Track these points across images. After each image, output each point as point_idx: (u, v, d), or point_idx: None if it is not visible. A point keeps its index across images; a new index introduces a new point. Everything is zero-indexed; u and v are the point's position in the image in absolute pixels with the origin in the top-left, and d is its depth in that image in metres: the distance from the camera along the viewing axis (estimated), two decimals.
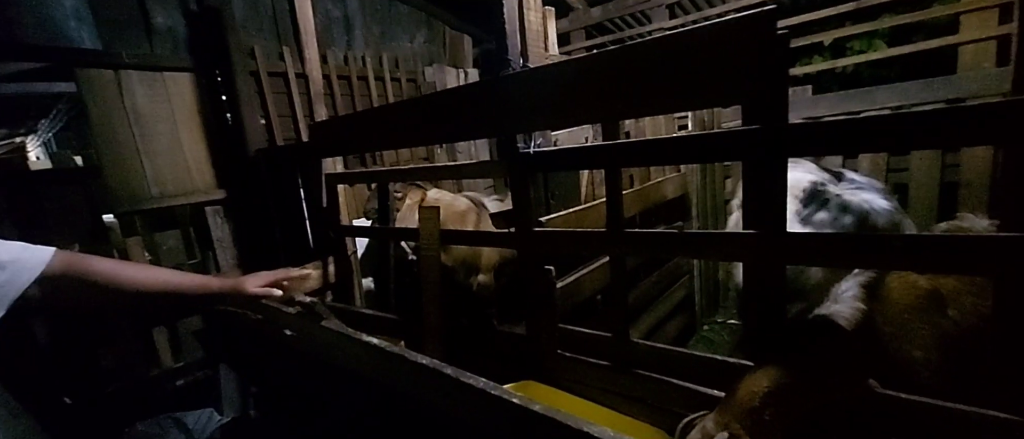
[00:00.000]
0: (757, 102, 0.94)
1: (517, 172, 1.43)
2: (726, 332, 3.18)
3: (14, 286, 0.81)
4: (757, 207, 1.01)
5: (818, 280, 1.44)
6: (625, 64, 1.10)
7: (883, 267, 1.05)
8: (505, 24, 1.39)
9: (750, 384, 0.95)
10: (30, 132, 7.06)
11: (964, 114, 0.79)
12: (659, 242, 1.27)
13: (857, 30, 3.56)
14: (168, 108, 2.69)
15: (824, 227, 1.50)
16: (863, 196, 1.52)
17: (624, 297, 1.36)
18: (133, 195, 2.59)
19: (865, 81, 4.20)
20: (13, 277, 0.81)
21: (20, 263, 0.82)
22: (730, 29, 0.92)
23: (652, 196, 2.64)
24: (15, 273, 0.81)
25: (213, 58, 2.80)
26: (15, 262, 0.82)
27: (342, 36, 3.89)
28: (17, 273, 0.81)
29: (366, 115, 2.27)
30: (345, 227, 2.30)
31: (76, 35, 2.40)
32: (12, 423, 2.21)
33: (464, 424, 0.80)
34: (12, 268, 0.81)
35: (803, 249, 0.97)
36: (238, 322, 1.68)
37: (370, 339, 0.94)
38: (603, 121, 1.33)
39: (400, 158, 4.01)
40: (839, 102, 2.95)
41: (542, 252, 1.46)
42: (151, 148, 2.63)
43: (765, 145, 0.93)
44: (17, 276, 0.81)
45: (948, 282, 1.04)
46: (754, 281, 1.06)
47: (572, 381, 1.47)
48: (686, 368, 1.26)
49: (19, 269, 0.82)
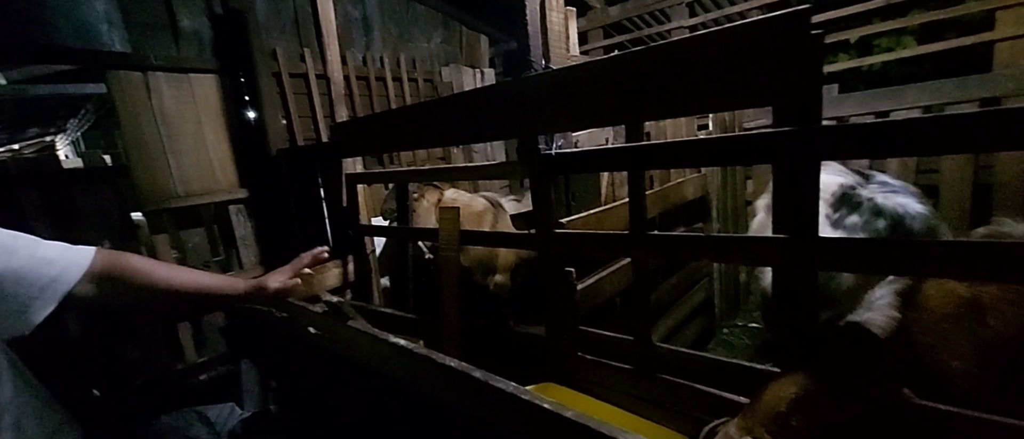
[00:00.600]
0: (790, 103, 0.91)
1: (538, 173, 1.42)
2: (746, 335, 3.13)
3: (64, 282, 0.83)
4: (788, 211, 0.98)
5: (850, 286, 1.40)
6: (652, 65, 1.08)
7: (921, 274, 1.02)
8: (528, 25, 1.38)
9: (778, 389, 0.92)
10: (59, 131, 7.31)
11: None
12: (684, 245, 1.25)
13: (885, 27, 3.46)
14: (193, 109, 2.75)
15: (856, 231, 1.45)
16: (898, 200, 1.47)
17: (647, 300, 1.34)
18: (160, 194, 2.65)
19: (893, 79, 4.09)
20: (62, 273, 0.83)
21: (68, 260, 0.85)
22: (763, 28, 0.90)
23: (672, 197, 2.61)
24: (64, 269, 0.83)
25: (237, 60, 2.85)
26: (63, 259, 0.84)
27: (361, 37, 3.93)
28: (66, 270, 0.84)
29: (387, 116, 2.29)
30: (364, 226, 2.32)
31: (107, 38, 2.47)
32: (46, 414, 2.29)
33: (490, 427, 0.79)
34: (61, 264, 0.83)
35: (837, 254, 0.94)
36: (259, 318, 1.71)
37: (397, 340, 0.94)
38: (628, 122, 1.31)
39: (416, 158, 4.03)
40: (866, 101, 2.87)
41: (563, 254, 1.45)
42: (177, 148, 2.69)
43: (798, 147, 0.90)
44: (66, 273, 0.83)
45: (989, 290, 1.00)
46: (784, 286, 1.03)
47: (592, 384, 1.46)
48: (710, 373, 1.24)
49: (67, 265, 0.84)
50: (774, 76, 0.91)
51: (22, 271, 0.79)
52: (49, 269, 0.82)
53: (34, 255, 0.82)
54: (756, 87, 0.95)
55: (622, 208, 1.97)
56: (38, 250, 0.83)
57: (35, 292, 0.80)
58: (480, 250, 2.30)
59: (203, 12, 2.88)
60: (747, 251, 1.09)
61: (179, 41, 2.80)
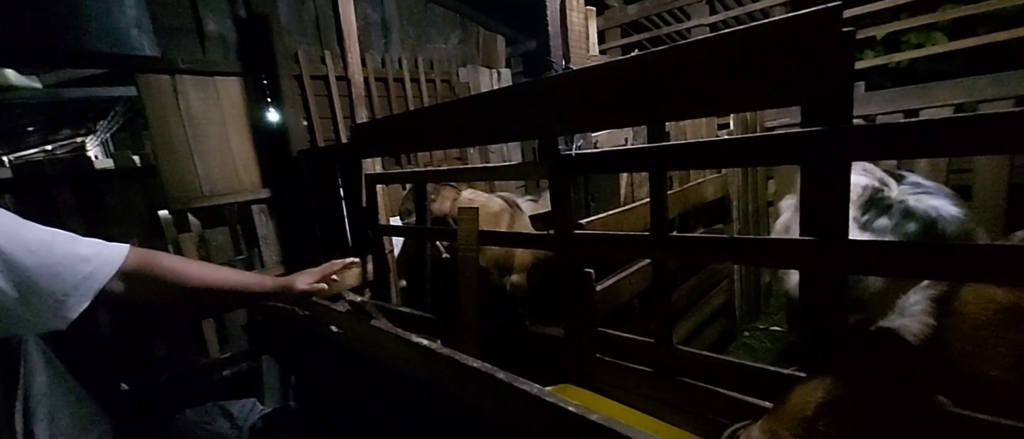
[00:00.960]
0: (820, 102, 0.89)
1: (557, 174, 1.41)
2: (768, 339, 3.07)
3: (98, 278, 0.85)
4: (817, 212, 0.96)
5: (878, 290, 1.35)
6: (675, 64, 1.07)
7: (959, 279, 0.98)
8: (548, 25, 1.38)
9: (805, 392, 0.90)
10: (90, 133, 7.55)
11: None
12: (706, 247, 1.23)
13: (914, 23, 3.36)
14: (218, 110, 2.81)
15: (885, 235, 1.41)
16: (931, 202, 1.41)
17: (668, 302, 1.33)
18: (186, 194, 2.72)
19: (921, 76, 3.96)
20: (97, 270, 0.85)
21: (102, 257, 0.87)
22: (794, 25, 0.88)
23: (692, 198, 2.58)
24: (98, 266, 0.86)
25: (260, 62, 2.91)
26: (98, 256, 0.87)
27: (380, 39, 3.98)
28: (100, 266, 0.86)
29: (405, 117, 2.31)
30: (383, 226, 2.35)
31: (137, 43, 2.54)
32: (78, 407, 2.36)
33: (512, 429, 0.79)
34: (96, 261, 0.86)
35: (868, 257, 0.91)
36: (281, 316, 1.74)
37: (420, 340, 0.95)
38: (649, 123, 1.30)
39: (433, 159, 4.06)
40: (894, 99, 2.79)
41: (582, 255, 1.44)
42: (202, 149, 2.76)
43: (829, 148, 0.88)
44: (100, 269, 0.86)
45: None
46: (812, 290, 1.01)
47: (611, 386, 1.45)
48: (731, 377, 1.22)
49: (102, 263, 0.86)
50: (804, 74, 0.89)
51: (58, 267, 0.81)
52: (84, 266, 0.84)
53: (71, 252, 0.84)
54: (785, 86, 0.93)
55: (642, 209, 1.95)
56: (75, 247, 0.85)
57: (70, 288, 0.82)
58: (496, 250, 2.30)
59: (228, 16, 2.95)
60: (772, 253, 1.06)
61: (205, 45, 2.87)
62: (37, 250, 0.79)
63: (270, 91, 2.95)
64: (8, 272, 0.75)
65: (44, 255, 0.80)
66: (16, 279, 0.76)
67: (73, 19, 2.36)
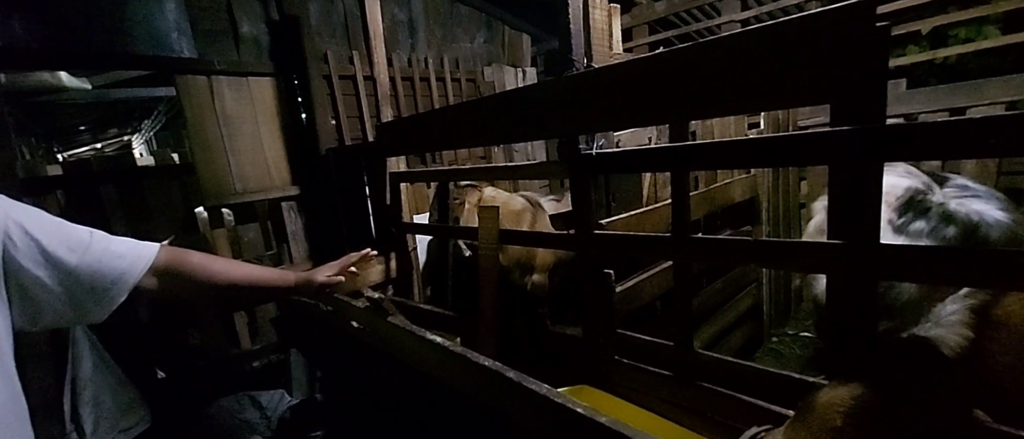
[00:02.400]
0: (851, 100, 0.86)
1: (578, 173, 1.40)
2: (797, 345, 2.96)
3: (133, 274, 0.90)
4: (846, 215, 0.92)
5: (911, 297, 1.28)
6: (699, 62, 1.04)
7: (1001, 287, 0.92)
8: (570, 23, 1.37)
9: (830, 398, 0.86)
10: (135, 131, 7.96)
11: None
12: (729, 249, 1.20)
13: (964, 16, 3.16)
14: (251, 110, 2.91)
15: (921, 239, 1.33)
16: (974, 206, 1.33)
17: (689, 304, 1.30)
18: (220, 190, 2.83)
19: (971, 73, 3.74)
20: (131, 266, 0.90)
21: (135, 254, 0.92)
22: (823, 20, 0.85)
23: (718, 199, 2.51)
24: (133, 262, 0.90)
25: (291, 63, 3.00)
26: (132, 253, 0.91)
27: (406, 39, 4.03)
28: (134, 262, 0.91)
29: (430, 116, 2.34)
30: (407, 224, 2.38)
31: (177, 46, 2.66)
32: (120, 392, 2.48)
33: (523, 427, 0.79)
34: (130, 258, 0.90)
35: (900, 263, 0.87)
36: (308, 311, 1.79)
37: (434, 337, 0.96)
38: (672, 122, 1.28)
39: (458, 157, 4.09)
40: (940, 96, 2.64)
41: (602, 255, 1.43)
42: (236, 147, 2.86)
43: (859, 148, 0.84)
44: (134, 265, 0.90)
45: None
46: (839, 296, 0.97)
47: (629, 388, 1.43)
48: (755, 383, 1.18)
49: (135, 259, 0.91)
50: (834, 72, 0.86)
51: (97, 265, 0.86)
52: (120, 262, 0.89)
53: (107, 249, 0.89)
54: (813, 84, 0.90)
55: (664, 210, 1.91)
56: (110, 245, 0.90)
57: (108, 283, 0.87)
58: (518, 250, 2.30)
59: (262, 19, 3.05)
60: (798, 257, 1.03)
61: (239, 46, 2.98)
62: (77, 248, 0.84)
63: (300, 91, 3.03)
64: (53, 270, 0.80)
65: (83, 253, 0.84)
66: (60, 276, 0.81)
67: (119, 23, 2.49)
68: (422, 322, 2.11)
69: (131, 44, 2.55)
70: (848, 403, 0.83)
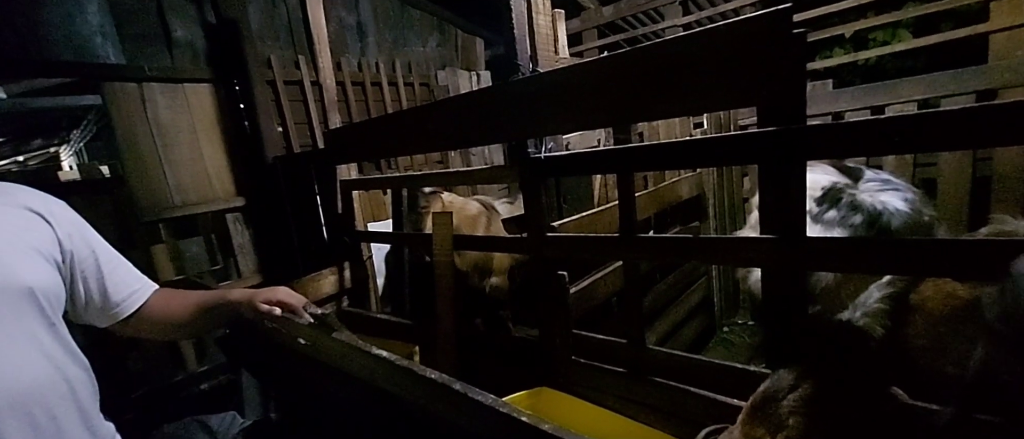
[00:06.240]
0: (774, 103, 0.91)
1: (528, 177, 1.41)
2: (747, 333, 3.12)
3: (142, 295, 1.02)
4: (774, 211, 0.97)
5: (828, 284, 1.39)
6: (636, 67, 1.08)
7: (912, 273, 1.00)
8: (514, 28, 1.38)
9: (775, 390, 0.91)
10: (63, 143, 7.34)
11: (1001, 112, 0.74)
12: (673, 247, 1.24)
13: (880, 21, 3.44)
14: (188, 118, 2.75)
15: (833, 226, 1.46)
16: (881, 197, 1.46)
17: (639, 302, 1.34)
18: (157, 204, 2.66)
19: (889, 73, 4.07)
20: (142, 289, 1.02)
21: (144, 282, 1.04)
22: (745, 27, 0.89)
23: (667, 197, 2.60)
24: (143, 287, 1.03)
25: (231, 68, 2.86)
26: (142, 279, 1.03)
27: (356, 43, 3.94)
28: (144, 287, 1.03)
29: (379, 122, 2.29)
30: (360, 232, 2.32)
31: (102, 50, 2.48)
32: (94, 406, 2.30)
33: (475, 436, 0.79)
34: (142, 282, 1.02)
35: (825, 254, 0.93)
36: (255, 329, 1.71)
37: (379, 352, 0.94)
38: (614, 125, 1.31)
39: (414, 163, 4.03)
40: (861, 96, 2.85)
41: (555, 257, 1.44)
42: (173, 158, 2.70)
43: (782, 148, 0.90)
44: (144, 290, 1.03)
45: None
46: (773, 287, 1.03)
47: (587, 388, 1.45)
48: (705, 376, 1.23)
49: (145, 285, 1.03)
50: (757, 76, 0.91)
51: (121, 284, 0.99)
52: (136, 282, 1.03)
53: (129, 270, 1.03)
54: (741, 87, 0.95)
55: (615, 210, 1.95)
56: (130, 267, 1.04)
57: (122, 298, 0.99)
58: (476, 253, 2.29)
59: (197, 22, 2.89)
60: (736, 252, 1.08)
61: (173, 51, 2.81)
62: (110, 261, 0.98)
63: (242, 97, 2.89)
64: (98, 279, 0.94)
65: (113, 267, 0.98)
66: (97, 286, 0.95)
67: (33, 27, 2.29)
68: (380, 332, 2.07)
69: (48, 49, 2.35)
70: (791, 394, 0.88)
